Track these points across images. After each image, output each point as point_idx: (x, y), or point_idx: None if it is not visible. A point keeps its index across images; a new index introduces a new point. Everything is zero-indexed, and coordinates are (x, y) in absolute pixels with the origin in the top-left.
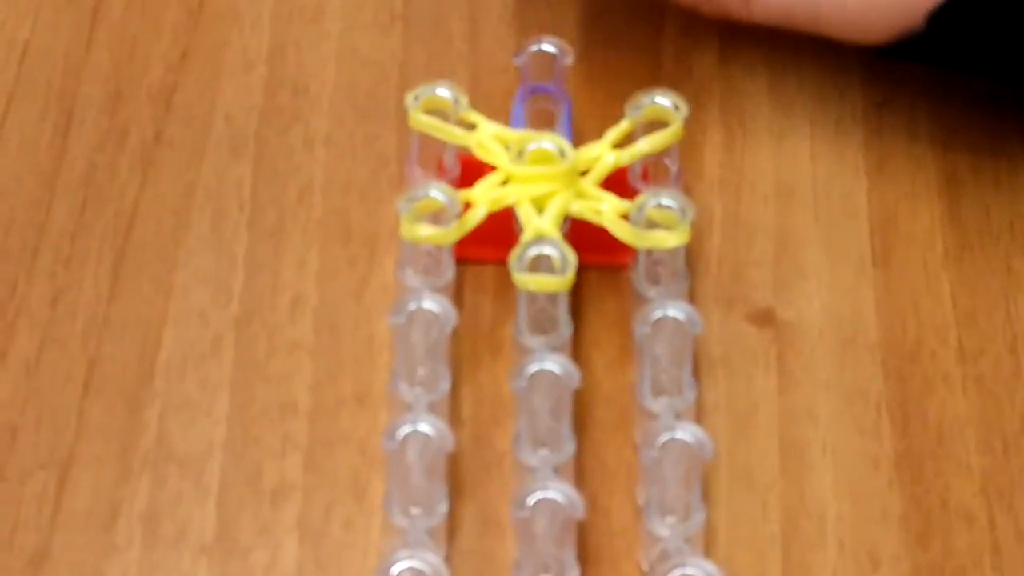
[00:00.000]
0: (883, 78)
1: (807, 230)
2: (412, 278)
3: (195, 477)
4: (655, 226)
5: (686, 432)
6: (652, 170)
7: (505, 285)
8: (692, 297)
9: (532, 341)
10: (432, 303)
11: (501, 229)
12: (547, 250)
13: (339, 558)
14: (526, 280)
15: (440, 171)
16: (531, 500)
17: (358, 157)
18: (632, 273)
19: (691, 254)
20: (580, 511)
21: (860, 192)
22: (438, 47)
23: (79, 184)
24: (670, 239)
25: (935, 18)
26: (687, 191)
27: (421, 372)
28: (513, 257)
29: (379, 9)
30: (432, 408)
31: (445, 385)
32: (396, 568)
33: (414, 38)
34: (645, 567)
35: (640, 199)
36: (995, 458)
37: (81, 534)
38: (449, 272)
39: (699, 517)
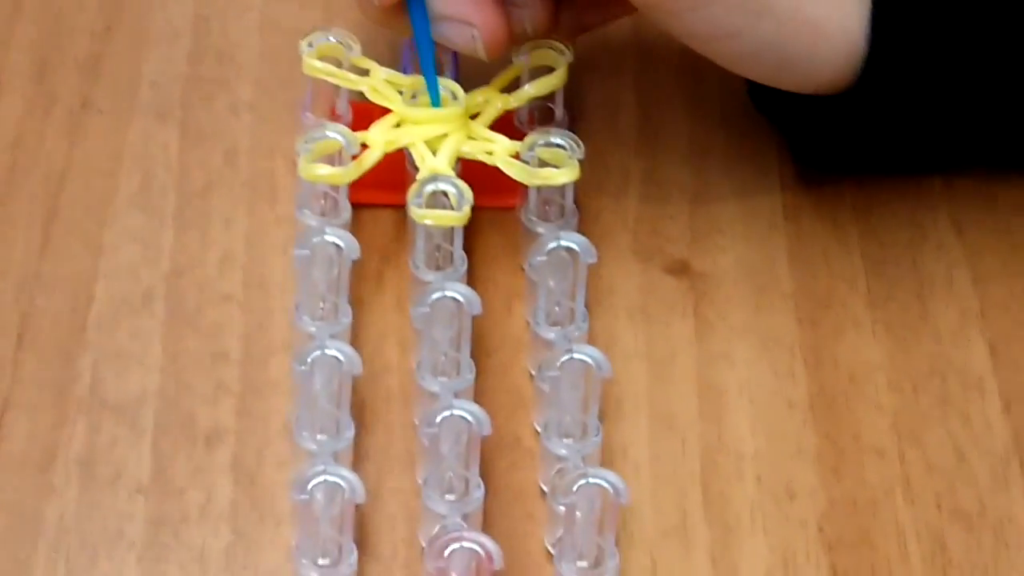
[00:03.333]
0: None
1: (721, 187)
2: (310, 219)
3: (130, 422)
4: (545, 165)
5: (584, 353)
6: (538, 115)
7: (399, 228)
8: (611, 251)
9: (429, 276)
10: (335, 236)
11: (394, 173)
12: (443, 186)
13: (272, 496)
14: (424, 215)
15: (332, 118)
16: (439, 418)
17: (282, 122)
18: (522, 212)
19: (609, 211)
20: (487, 427)
21: (771, 152)
22: (359, 17)
23: (7, 148)
24: (560, 176)
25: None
26: (605, 152)
27: (323, 306)
28: (411, 193)
29: None
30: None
31: (346, 319)
32: (312, 482)
33: (336, 9)
34: (545, 487)
35: (530, 138)
36: (904, 397)
37: (18, 475)
38: (346, 213)
39: (596, 438)
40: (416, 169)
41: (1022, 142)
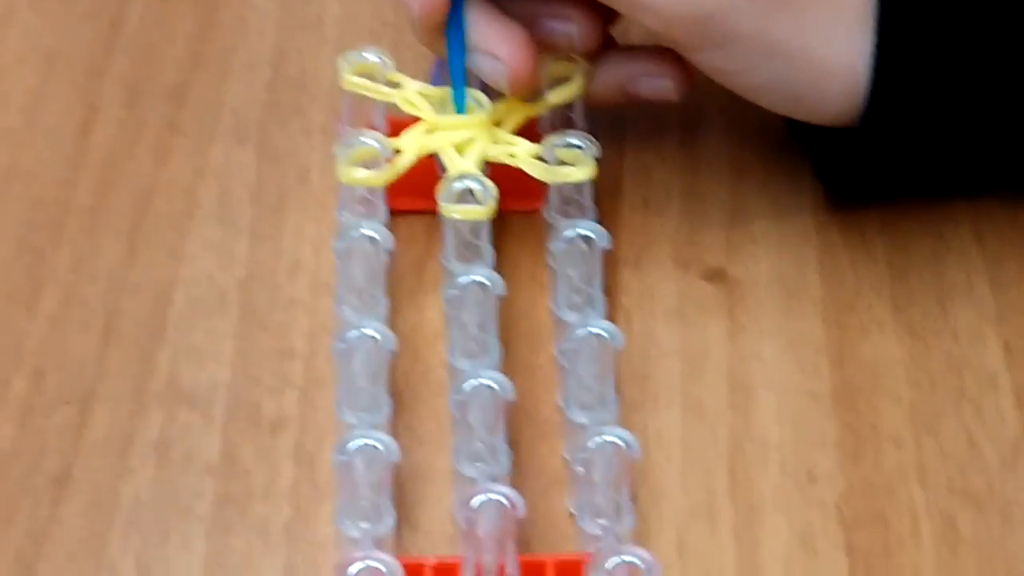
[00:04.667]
0: None
1: (757, 202)
2: (350, 220)
3: (202, 411)
4: (564, 164)
5: (598, 327)
6: (559, 123)
7: (434, 233)
8: (652, 259)
9: (459, 268)
10: (371, 229)
11: (428, 180)
12: (470, 183)
13: (329, 478)
14: (452, 209)
15: (369, 129)
16: (466, 386)
17: None
18: (545, 211)
19: (652, 223)
20: (510, 393)
21: (805, 170)
22: (425, 50)
23: (100, 167)
24: (578, 173)
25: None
26: (648, 170)
27: (363, 298)
28: (440, 190)
29: (372, 18)
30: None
31: (383, 309)
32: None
33: (403, 43)
34: (566, 454)
35: (549, 139)
36: (922, 391)
37: (100, 459)
38: (383, 214)
39: (612, 408)
40: (446, 172)
41: None
